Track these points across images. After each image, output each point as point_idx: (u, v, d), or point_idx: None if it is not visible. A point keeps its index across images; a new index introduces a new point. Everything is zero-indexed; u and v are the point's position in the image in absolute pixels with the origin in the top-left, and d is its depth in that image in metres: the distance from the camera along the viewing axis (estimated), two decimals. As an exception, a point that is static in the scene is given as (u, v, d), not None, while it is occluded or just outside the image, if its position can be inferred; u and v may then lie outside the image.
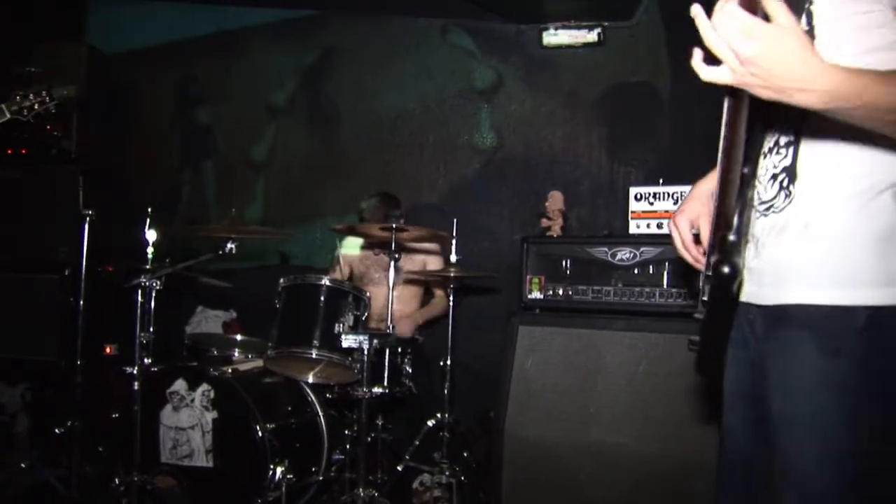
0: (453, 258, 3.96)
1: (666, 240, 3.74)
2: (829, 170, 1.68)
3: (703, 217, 1.95)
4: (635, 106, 5.06)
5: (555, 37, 5.17)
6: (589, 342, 3.73)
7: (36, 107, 3.43)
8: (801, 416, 1.67)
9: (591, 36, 5.12)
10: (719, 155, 1.51)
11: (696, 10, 1.32)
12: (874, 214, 1.63)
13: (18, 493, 4.19)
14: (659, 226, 3.90)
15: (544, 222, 4.16)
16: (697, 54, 1.35)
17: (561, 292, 3.90)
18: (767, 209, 1.77)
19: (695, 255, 1.95)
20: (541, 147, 5.25)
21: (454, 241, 3.96)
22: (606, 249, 3.85)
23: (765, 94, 1.35)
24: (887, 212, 1.63)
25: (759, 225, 1.80)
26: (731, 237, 1.56)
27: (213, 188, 5.98)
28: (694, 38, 2.20)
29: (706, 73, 1.35)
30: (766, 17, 1.28)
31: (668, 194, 3.91)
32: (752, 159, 1.70)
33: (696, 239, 1.98)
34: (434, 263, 4.59)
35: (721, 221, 1.58)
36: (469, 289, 4.68)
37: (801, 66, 1.30)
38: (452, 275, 3.95)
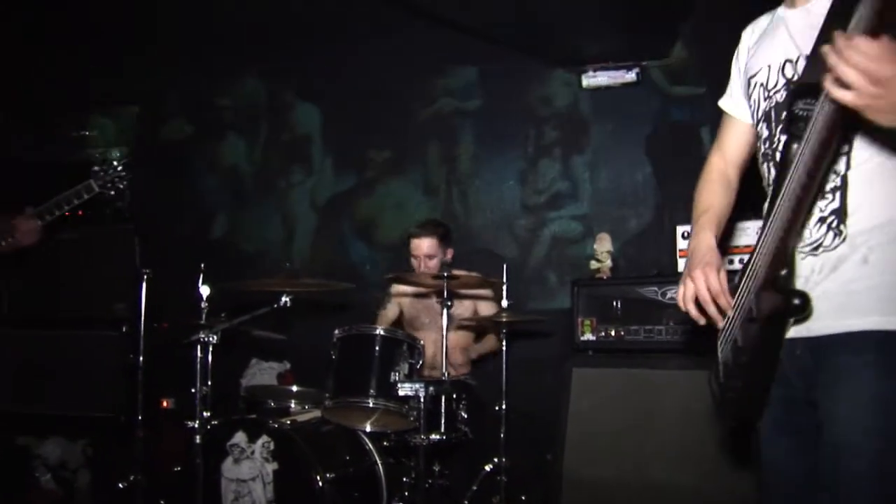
0: (504, 303, 3.98)
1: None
2: (878, 209, 1.79)
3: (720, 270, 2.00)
4: (678, 143, 5.08)
5: (594, 79, 5.22)
6: (643, 382, 3.73)
7: (115, 181, 3.62)
8: (857, 438, 1.73)
9: (630, 76, 5.16)
10: (789, 198, 1.65)
11: (826, 49, 1.43)
12: None
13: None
14: (708, 263, 3.89)
15: (593, 264, 4.19)
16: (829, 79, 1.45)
17: (613, 333, 3.92)
18: (815, 249, 1.85)
19: (725, 304, 1.96)
20: (586, 188, 5.28)
21: (505, 286, 3.99)
22: (656, 289, 3.86)
23: (883, 118, 1.46)
24: None
25: (807, 264, 1.86)
26: (784, 272, 1.72)
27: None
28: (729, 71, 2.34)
29: (836, 93, 1.44)
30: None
31: (716, 231, 3.92)
32: None
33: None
34: (486, 308, 4.62)
35: (778, 260, 1.72)
36: (521, 333, 4.69)
37: None
38: (504, 319, 3.97)
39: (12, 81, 3.45)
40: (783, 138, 1.88)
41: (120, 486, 4.16)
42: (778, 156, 1.92)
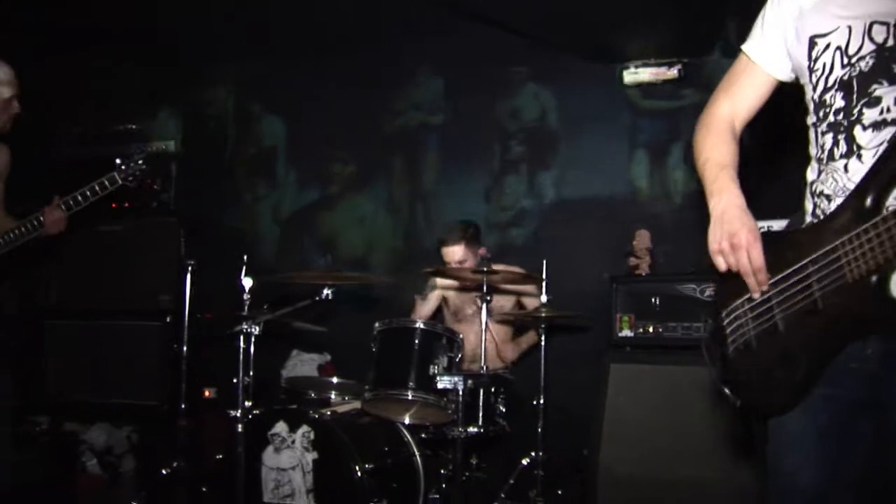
0: (543, 298, 4.01)
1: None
2: None
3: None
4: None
5: (634, 75, 5.19)
6: (680, 378, 3.73)
7: (137, 174, 3.69)
8: None
9: (672, 73, 5.12)
10: None
11: None
12: None
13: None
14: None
15: (632, 261, 4.19)
16: None
17: (651, 329, 3.92)
18: None
19: (763, 280, 1.80)
20: (624, 184, 5.28)
21: (545, 282, 4.01)
22: (695, 286, 3.86)
23: None
24: None
25: None
26: (875, 278, 1.58)
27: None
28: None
29: None
30: None
31: (755, 228, 3.90)
32: None
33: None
34: (531, 302, 4.63)
35: (886, 262, 1.56)
36: (559, 328, 4.71)
37: None
38: (544, 315, 4.00)
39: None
40: (867, 111, 1.69)
41: (163, 472, 4.25)
42: (858, 129, 1.71)
